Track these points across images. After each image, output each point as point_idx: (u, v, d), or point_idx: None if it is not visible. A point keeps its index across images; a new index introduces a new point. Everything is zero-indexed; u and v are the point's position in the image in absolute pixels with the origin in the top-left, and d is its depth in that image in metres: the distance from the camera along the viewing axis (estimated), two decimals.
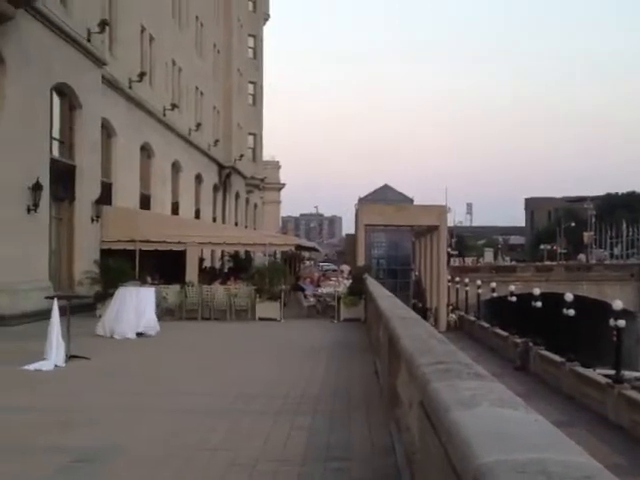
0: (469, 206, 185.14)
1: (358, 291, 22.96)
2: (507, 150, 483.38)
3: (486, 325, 48.34)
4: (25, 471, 6.11)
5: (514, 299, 44.18)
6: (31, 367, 11.63)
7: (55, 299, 12.69)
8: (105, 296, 20.65)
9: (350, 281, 25.84)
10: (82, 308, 20.83)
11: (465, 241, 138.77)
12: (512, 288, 46.01)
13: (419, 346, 5.86)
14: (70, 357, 12.50)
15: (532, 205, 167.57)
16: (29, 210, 20.51)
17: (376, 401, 9.41)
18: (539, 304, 38.29)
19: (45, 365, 11.79)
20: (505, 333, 42.67)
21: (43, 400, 9.35)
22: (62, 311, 12.89)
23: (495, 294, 54.21)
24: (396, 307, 11.32)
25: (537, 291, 39.35)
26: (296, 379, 11.34)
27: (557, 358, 32.27)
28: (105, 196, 27.28)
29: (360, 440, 7.46)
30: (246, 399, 9.55)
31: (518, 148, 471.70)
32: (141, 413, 8.60)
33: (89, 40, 25.15)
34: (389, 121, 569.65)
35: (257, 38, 64.54)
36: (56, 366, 11.95)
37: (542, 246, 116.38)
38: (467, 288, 61.04)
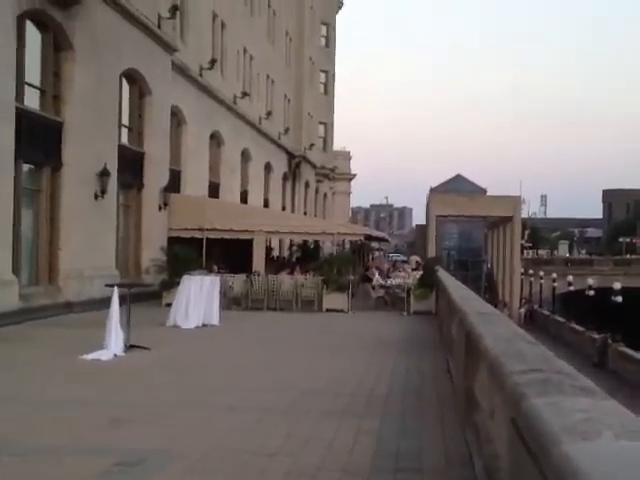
0: (543, 198, 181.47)
1: (429, 283, 22.12)
2: (584, 141, 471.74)
3: (561, 320, 46.76)
4: (63, 474, 5.61)
5: (592, 293, 42.51)
6: (89, 357, 11.29)
7: (115, 287, 12.31)
8: (171, 284, 20.36)
9: (420, 272, 24.99)
10: (148, 296, 20.64)
11: (539, 233, 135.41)
12: (590, 282, 44.30)
13: (505, 348, 5.10)
14: (130, 347, 12.13)
15: (610, 197, 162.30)
16: (96, 197, 20.33)
17: (449, 403, 8.67)
18: (619, 299, 36.65)
19: (104, 354, 11.43)
20: (582, 328, 41.18)
21: (96, 393, 8.91)
22: (124, 299, 12.56)
23: (572, 287, 52.37)
24: (471, 300, 10.52)
25: (618, 285, 37.72)
26: (364, 376, 10.67)
27: (638, 355, 30.80)
28: (174, 184, 27.09)
29: (433, 448, 6.75)
30: (310, 397, 8.92)
31: (595, 139, 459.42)
32: (196, 410, 8.06)
33: (159, 26, 24.88)
34: (463, 111, 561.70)
35: (330, 26, 63.73)
36: (115, 355, 11.59)
37: (621, 239, 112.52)
38: (542, 281, 59.28)
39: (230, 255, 25.76)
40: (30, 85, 18.24)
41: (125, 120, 23.70)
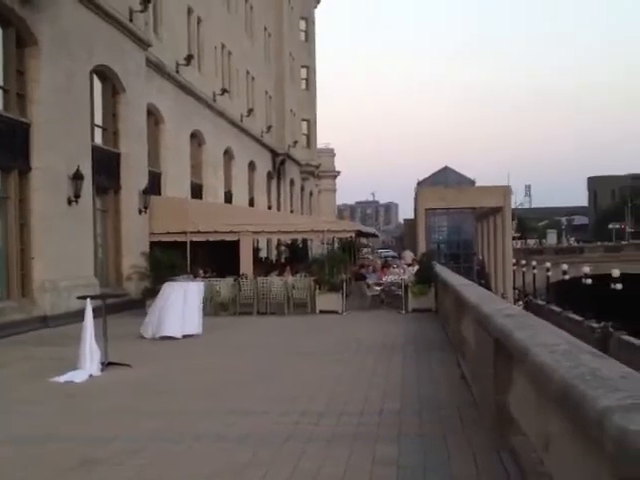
0: (527, 188, 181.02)
1: (427, 278, 21.01)
2: (567, 130, 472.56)
3: (557, 309, 45.74)
4: None
5: (589, 281, 41.44)
6: (62, 379, 10.06)
7: (88, 299, 11.05)
8: (154, 292, 19.11)
9: (416, 268, 23.84)
10: (130, 305, 19.46)
11: (525, 223, 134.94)
12: (587, 270, 43.23)
13: (571, 366, 3.91)
14: (108, 364, 10.91)
15: (595, 184, 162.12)
16: (70, 201, 19.04)
17: (473, 419, 7.51)
18: (619, 286, 35.59)
19: (78, 375, 10.20)
20: (579, 317, 40.19)
21: (65, 425, 7.67)
22: (100, 312, 11.34)
23: (567, 276, 51.44)
24: (488, 299, 9.35)
25: (617, 272, 36.69)
26: (369, 388, 9.48)
27: None
28: (154, 186, 25.82)
29: None
30: (311, 419, 7.71)
31: (579, 128, 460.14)
32: (180, 443, 6.81)
33: (131, 20, 23.61)
34: (447, 104, 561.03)
35: (309, 21, 62.53)
36: (91, 376, 10.35)
37: (611, 225, 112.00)
38: (535, 271, 58.34)
39: (216, 258, 24.59)
40: None
41: (98, 119, 22.39)
